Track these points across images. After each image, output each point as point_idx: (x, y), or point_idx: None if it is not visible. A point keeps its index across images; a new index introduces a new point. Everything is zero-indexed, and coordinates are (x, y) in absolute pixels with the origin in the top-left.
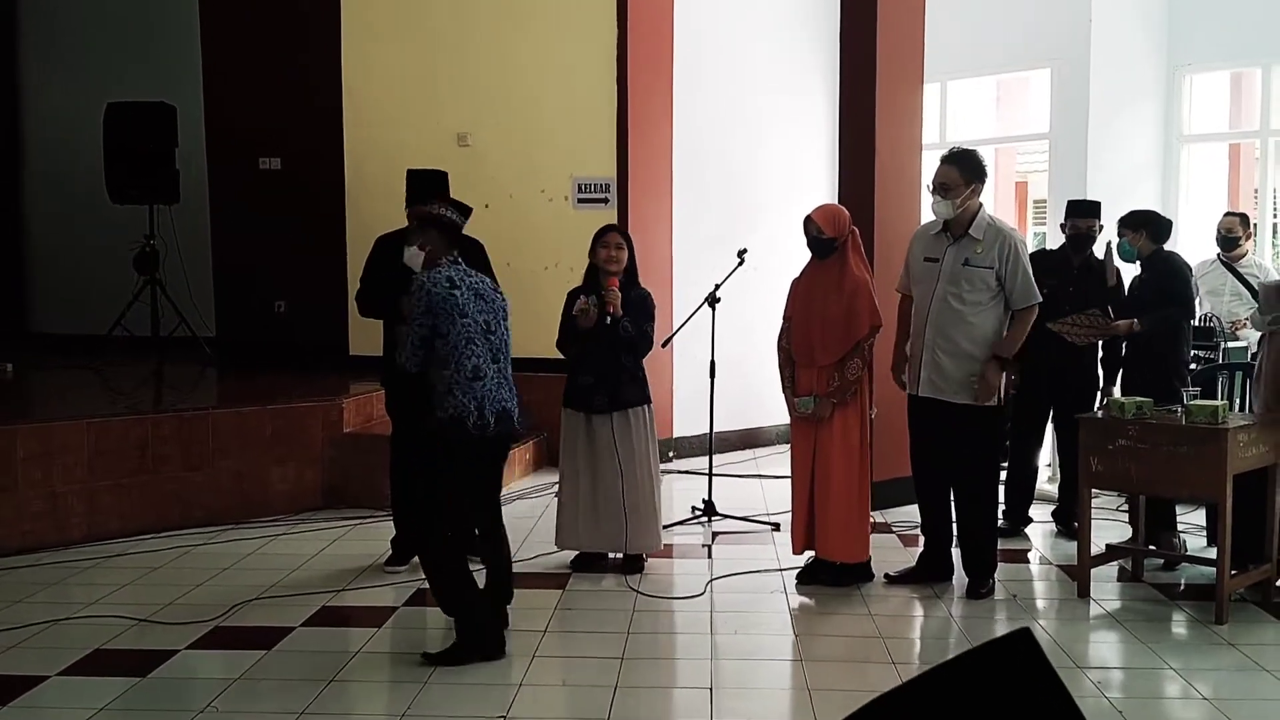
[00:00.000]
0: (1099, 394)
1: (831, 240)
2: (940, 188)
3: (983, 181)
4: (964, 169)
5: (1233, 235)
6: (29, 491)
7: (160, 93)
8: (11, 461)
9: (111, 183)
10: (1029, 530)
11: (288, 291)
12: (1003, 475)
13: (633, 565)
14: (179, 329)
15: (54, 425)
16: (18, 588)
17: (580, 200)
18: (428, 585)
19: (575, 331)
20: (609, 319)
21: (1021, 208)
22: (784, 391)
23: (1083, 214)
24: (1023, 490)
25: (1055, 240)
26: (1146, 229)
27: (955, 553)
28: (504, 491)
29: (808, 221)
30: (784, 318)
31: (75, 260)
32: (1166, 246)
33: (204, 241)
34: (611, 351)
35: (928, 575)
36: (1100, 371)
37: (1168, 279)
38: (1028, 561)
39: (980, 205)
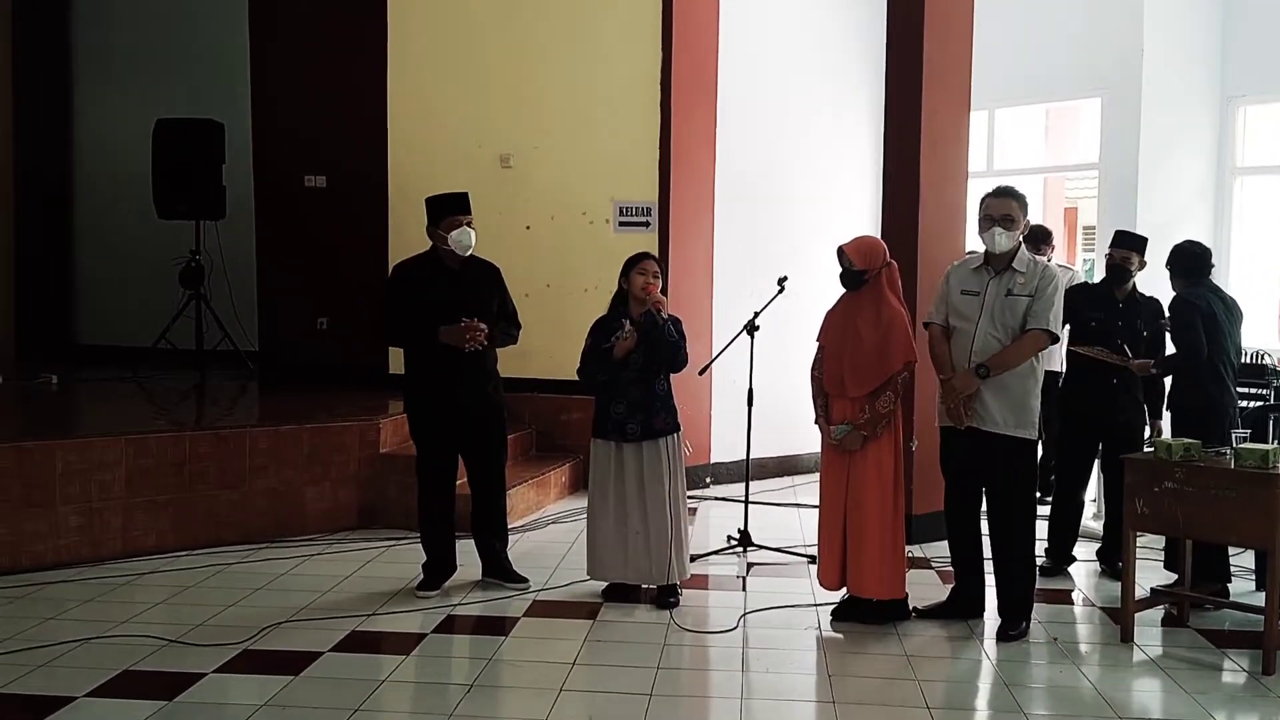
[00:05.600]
0: (1147, 429)
1: (861, 273)
2: (1005, 219)
3: (1027, 219)
4: (1021, 203)
5: None
6: (66, 507)
7: (209, 110)
8: (50, 476)
9: (159, 198)
10: (1072, 570)
11: (330, 309)
12: (1046, 511)
13: (667, 596)
14: (222, 343)
15: (92, 440)
16: (52, 604)
17: (621, 224)
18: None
19: (604, 359)
20: (658, 315)
21: (1071, 234)
22: (817, 422)
23: (1119, 244)
24: (1067, 529)
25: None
26: (1189, 275)
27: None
28: (538, 514)
29: (840, 252)
30: (818, 345)
31: (122, 274)
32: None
33: (249, 257)
34: (645, 379)
35: (959, 612)
36: (1146, 408)
37: (1176, 323)
38: (1070, 603)
39: (1021, 241)
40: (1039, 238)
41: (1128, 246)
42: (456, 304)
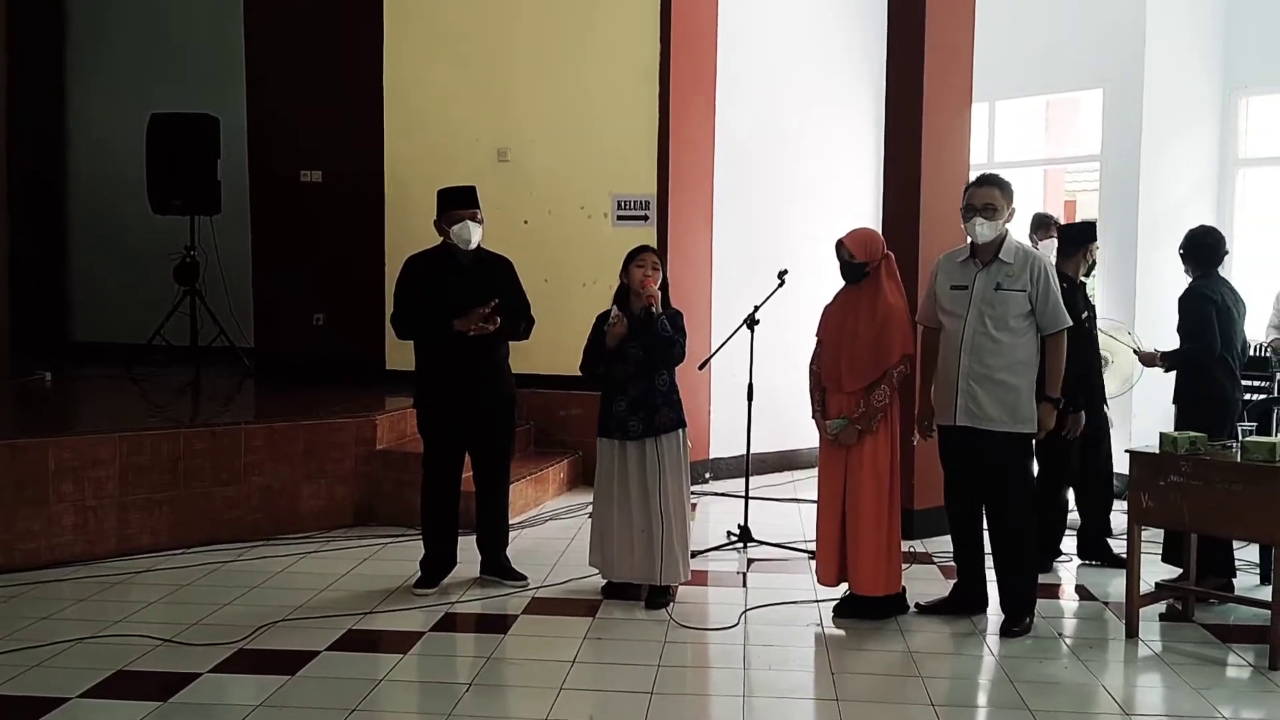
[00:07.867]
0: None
1: (862, 265)
2: (986, 209)
3: (1013, 206)
4: (1004, 191)
5: None
6: (59, 505)
7: (204, 104)
8: (43, 474)
9: (153, 193)
10: (1066, 565)
11: (326, 304)
12: None
13: (660, 597)
14: (218, 339)
15: (86, 437)
16: (47, 603)
17: (620, 217)
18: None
19: (602, 349)
20: (651, 310)
21: None
22: (814, 416)
23: (1089, 239)
24: (1051, 525)
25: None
26: (1204, 264)
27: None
28: (536, 511)
29: (839, 245)
30: (816, 339)
31: (116, 269)
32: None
33: (244, 253)
34: (644, 374)
35: (960, 607)
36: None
37: (1186, 315)
38: (1074, 598)
39: (1008, 230)
40: (1041, 225)
41: (1092, 238)
42: (466, 297)
